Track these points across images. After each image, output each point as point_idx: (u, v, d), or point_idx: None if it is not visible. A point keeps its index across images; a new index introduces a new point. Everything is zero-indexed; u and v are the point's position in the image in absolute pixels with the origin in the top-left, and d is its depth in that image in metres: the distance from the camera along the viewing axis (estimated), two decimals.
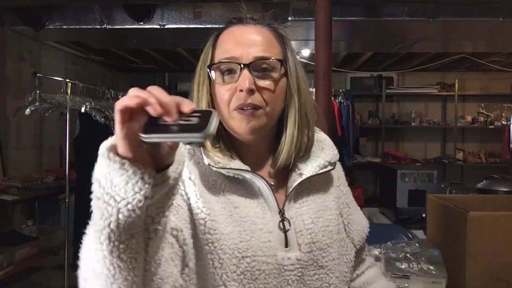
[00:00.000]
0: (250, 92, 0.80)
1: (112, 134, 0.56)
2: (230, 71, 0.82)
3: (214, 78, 0.83)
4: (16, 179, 3.36)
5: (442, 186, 2.76)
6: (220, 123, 0.83)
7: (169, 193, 0.59)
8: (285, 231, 0.84)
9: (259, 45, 0.83)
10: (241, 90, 0.80)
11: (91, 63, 4.97)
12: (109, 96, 3.81)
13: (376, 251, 1.34)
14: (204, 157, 0.83)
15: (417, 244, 1.40)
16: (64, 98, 3.25)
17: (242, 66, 0.80)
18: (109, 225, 0.56)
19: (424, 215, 1.92)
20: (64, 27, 3.27)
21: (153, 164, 0.56)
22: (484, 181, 2.33)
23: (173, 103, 0.53)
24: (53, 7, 3.19)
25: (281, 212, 0.85)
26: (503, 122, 5.48)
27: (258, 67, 0.82)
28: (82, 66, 4.78)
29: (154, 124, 0.53)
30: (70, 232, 3.24)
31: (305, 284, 0.83)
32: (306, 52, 4.34)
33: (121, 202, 0.55)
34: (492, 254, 1.26)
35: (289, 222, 0.85)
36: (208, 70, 0.84)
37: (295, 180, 0.87)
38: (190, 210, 0.80)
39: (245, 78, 0.80)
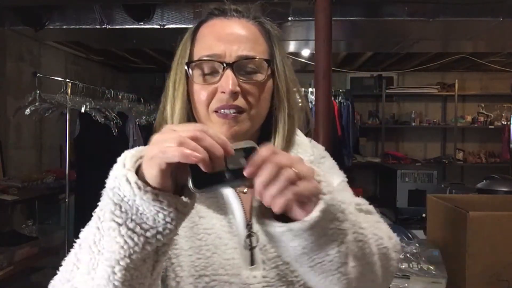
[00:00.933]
0: (234, 94, 0.72)
1: (112, 134, 0.55)
2: (211, 70, 0.75)
3: (192, 76, 0.75)
4: (16, 179, 3.36)
5: (442, 186, 2.76)
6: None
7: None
8: (251, 248, 0.74)
9: (244, 42, 0.75)
10: (223, 92, 0.72)
11: (91, 63, 4.97)
12: (109, 96, 3.81)
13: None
14: None
15: (417, 244, 1.40)
16: (64, 98, 3.25)
17: (225, 65, 0.73)
18: (130, 255, 0.53)
19: (424, 215, 1.92)
20: (64, 27, 3.27)
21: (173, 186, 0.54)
22: (484, 181, 2.33)
23: (220, 150, 0.50)
24: (53, 7, 3.19)
25: (249, 226, 0.75)
26: (503, 122, 5.48)
27: (242, 66, 0.74)
28: (82, 66, 4.78)
29: (200, 171, 0.50)
30: (70, 232, 3.24)
31: None
32: (306, 52, 4.34)
33: (149, 231, 0.52)
34: (492, 254, 1.26)
35: (257, 238, 0.75)
36: (186, 67, 0.76)
37: None
38: None
39: (228, 79, 0.72)
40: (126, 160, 0.55)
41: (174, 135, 0.50)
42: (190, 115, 0.79)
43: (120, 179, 0.52)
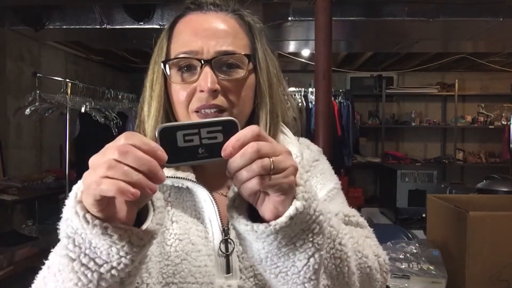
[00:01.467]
0: (213, 93, 0.68)
1: (112, 134, 0.54)
2: (189, 68, 0.71)
3: (170, 75, 0.71)
4: (16, 179, 3.36)
5: (442, 186, 2.76)
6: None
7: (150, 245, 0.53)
8: (226, 255, 0.70)
9: (222, 37, 0.70)
10: (202, 91, 0.68)
11: (91, 63, 4.97)
12: (109, 96, 3.81)
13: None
14: None
15: (417, 244, 1.40)
16: (64, 98, 3.26)
17: (202, 62, 0.68)
18: None
19: (424, 215, 1.92)
20: (64, 27, 3.27)
21: (129, 213, 0.49)
22: (484, 181, 2.33)
23: (152, 165, 0.46)
24: (53, 7, 3.19)
25: (224, 232, 0.71)
26: (503, 122, 5.48)
27: (221, 63, 0.70)
28: (82, 66, 4.78)
29: (171, 145, 0.49)
30: None
31: None
32: (306, 52, 4.34)
33: (104, 266, 0.49)
34: (492, 254, 1.26)
35: (233, 244, 0.70)
36: (163, 66, 0.72)
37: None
38: None
39: (206, 77, 0.68)
40: (79, 190, 0.50)
41: (104, 158, 0.47)
42: (170, 116, 0.75)
43: (70, 211, 0.49)
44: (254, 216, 0.55)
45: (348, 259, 0.63)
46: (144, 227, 0.51)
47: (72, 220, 0.49)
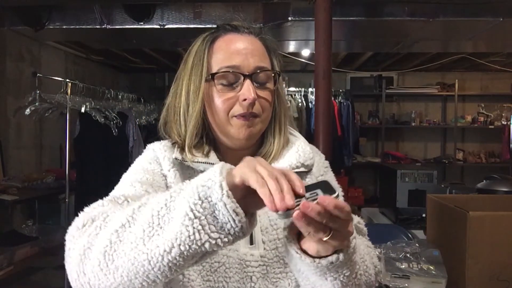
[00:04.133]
0: (253, 102, 0.83)
1: (112, 134, 0.57)
2: (230, 80, 0.84)
3: (213, 85, 0.85)
4: (16, 179, 3.36)
5: (442, 186, 2.75)
6: (210, 130, 0.89)
7: None
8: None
9: (257, 55, 0.85)
10: (245, 100, 0.83)
11: (91, 63, 4.97)
12: (109, 96, 3.81)
13: (376, 251, 1.34)
14: (175, 151, 0.87)
15: (417, 244, 1.39)
16: (64, 98, 3.25)
17: (245, 76, 0.83)
18: (190, 246, 0.59)
19: (424, 215, 1.92)
20: (64, 27, 3.27)
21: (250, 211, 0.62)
22: (484, 181, 2.33)
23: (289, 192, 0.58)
24: (53, 7, 3.19)
25: None
26: (503, 122, 5.48)
27: (257, 77, 0.85)
28: (82, 66, 4.78)
29: None
30: None
31: (270, 282, 0.82)
32: (306, 52, 4.34)
33: (214, 233, 0.59)
34: (492, 254, 1.26)
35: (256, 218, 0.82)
36: (211, 77, 0.85)
37: None
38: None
39: (249, 89, 0.82)
40: (223, 169, 0.61)
41: (274, 174, 0.59)
42: (204, 119, 0.88)
43: (215, 183, 0.59)
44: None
45: (359, 277, 0.75)
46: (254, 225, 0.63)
47: (212, 190, 0.58)
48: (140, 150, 4.27)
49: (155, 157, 0.89)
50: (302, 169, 0.90)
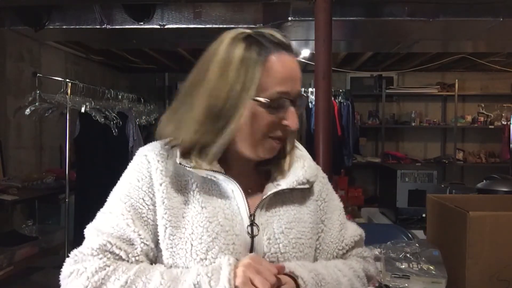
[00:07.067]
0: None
1: (112, 134, 0.56)
2: (278, 103, 0.82)
3: (261, 105, 0.81)
4: (16, 179, 3.36)
5: (442, 186, 2.75)
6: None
7: None
8: (252, 236, 0.84)
9: (299, 79, 0.86)
10: (289, 126, 0.84)
11: (91, 63, 4.97)
12: (109, 96, 3.81)
13: (376, 251, 1.34)
14: (179, 155, 0.83)
15: (417, 244, 1.39)
16: (64, 98, 3.25)
17: (291, 101, 0.83)
18: None
19: (424, 215, 1.91)
20: (64, 27, 3.27)
21: None
22: (484, 181, 2.33)
23: None
24: (53, 7, 3.19)
25: (251, 217, 0.85)
26: (503, 122, 5.48)
27: (296, 101, 0.85)
28: (82, 66, 4.78)
29: None
30: (70, 232, 3.24)
31: None
32: (306, 52, 4.34)
33: None
34: (492, 254, 1.26)
35: (257, 228, 0.84)
36: (261, 99, 0.81)
37: (271, 189, 0.88)
38: (155, 213, 0.83)
39: (294, 117, 0.83)
40: (231, 277, 0.73)
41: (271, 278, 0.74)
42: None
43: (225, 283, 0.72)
44: None
45: None
46: None
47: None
48: None
49: (147, 168, 0.85)
50: (306, 186, 0.91)
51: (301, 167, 0.91)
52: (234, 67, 0.80)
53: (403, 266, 1.29)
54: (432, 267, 1.28)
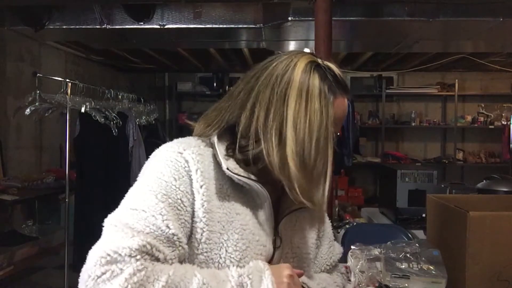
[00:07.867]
0: None
1: (112, 134, 0.55)
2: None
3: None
4: (16, 179, 3.36)
5: (442, 186, 2.76)
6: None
7: None
8: (275, 248, 0.87)
9: None
10: None
11: (91, 63, 4.97)
12: (109, 96, 3.80)
13: (376, 251, 1.34)
14: (223, 160, 0.82)
15: (417, 244, 1.39)
16: (64, 98, 3.25)
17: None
18: None
19: (424, 215, 1.91)
20: (64, 27, 3.27)
21: None
22: (484, 181, 2.33)
23: None
24: (53, 7, 3.19)
25: (276, 229, 0.88)
26: (503, 122, 5.48)
27: None
28: (82, 66, 4.78)
29: None
30: (70, 232, 3.23)
31: None
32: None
33: None
34: (492, 254, 1.26)
35: (280, 240, 0.88)
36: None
37: (291, 204, 0.89)
38: (192, 215, 0.80)
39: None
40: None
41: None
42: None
43: None
44: None
45: None
46: None
47: None
48: (140, 150, 4.20)
49: (184, 167, 0.81)
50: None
51: None
52: (316, 99, 0.83)
53: (403, 266, 1.29)
54: (432, 267, 1.28)
